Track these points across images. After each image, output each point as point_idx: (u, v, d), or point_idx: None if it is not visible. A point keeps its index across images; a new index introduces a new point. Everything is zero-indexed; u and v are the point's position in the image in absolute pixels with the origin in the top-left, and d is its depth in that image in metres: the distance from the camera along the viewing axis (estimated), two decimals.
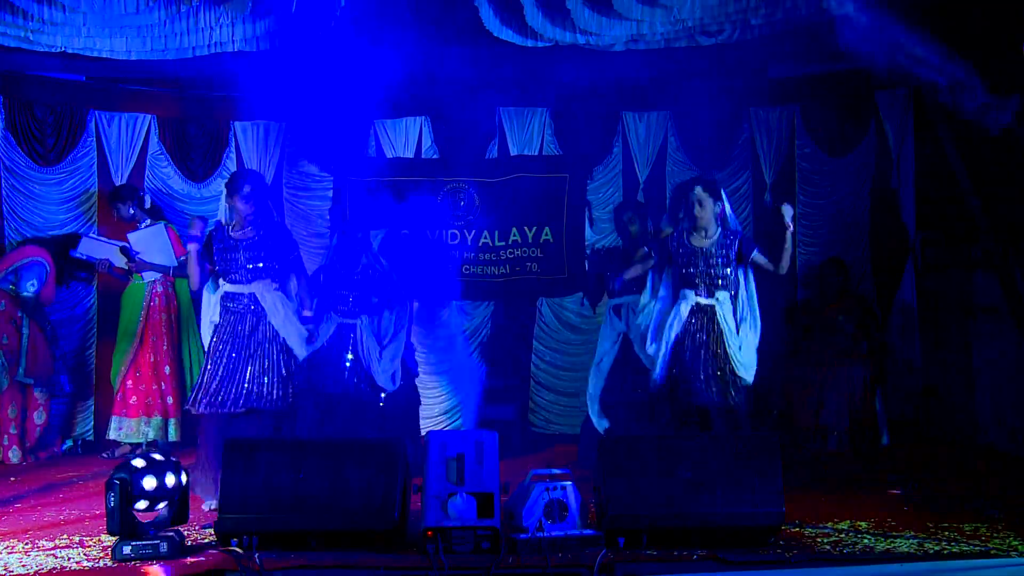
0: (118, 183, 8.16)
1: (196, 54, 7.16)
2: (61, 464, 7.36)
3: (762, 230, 8.64)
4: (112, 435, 7.55)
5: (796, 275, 8.53)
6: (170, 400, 7.63)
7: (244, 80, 7.77)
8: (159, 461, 4.45)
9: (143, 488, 4.32)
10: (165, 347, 7.68)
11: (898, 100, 8.22)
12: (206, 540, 4.65)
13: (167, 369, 7.66)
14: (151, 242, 7.66)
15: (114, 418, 7.56)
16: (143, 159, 8.46)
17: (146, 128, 8.46)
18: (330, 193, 8.61)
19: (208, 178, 8.60)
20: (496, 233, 8.56)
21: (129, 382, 7.56)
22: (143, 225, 7.74)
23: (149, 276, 7.69)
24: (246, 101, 8.36)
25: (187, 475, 4.55)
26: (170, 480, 4.41)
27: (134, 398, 7.56)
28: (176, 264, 7.68)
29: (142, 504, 4.35)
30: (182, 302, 7.84)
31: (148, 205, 7.86)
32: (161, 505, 4.43)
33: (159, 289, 7.70)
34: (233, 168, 8.58)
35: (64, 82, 8.19)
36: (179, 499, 4.50)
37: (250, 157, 8.64)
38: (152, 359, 7.61)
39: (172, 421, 7.63)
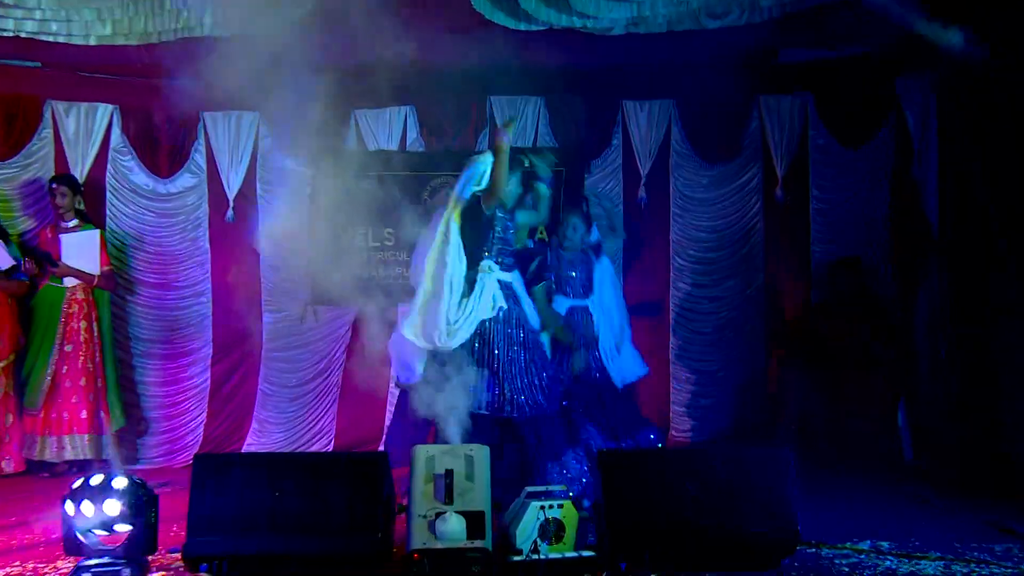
0: (80, 178, 8.12)
1: (162, 39, 7.13)
2: (12, 483, 7.30)
3: (773, 227, 8.64)
4: (38, 456, 7.49)
5: (810, 276, 8.52)
6: (84, 415, 7.56)
7: (214, 68, 7.70)
8: (119, 481, 4.40)
9: (104, 510, 4.27)
10: (84, 359, 7.61)
11: (920, 86, 8.19)
12: (173, 565, 4.60)
13: (82, 381, 7.59)
14: (81, 247, 7.61)
15: (38, 438, 7.49)
16: (104, 152, 8.43)
17: (108, 119, 8.45)
18: (308, 190, 8.56)
19: (175, 174, 8.58)
20: None
21: (49, 398, 7.50)
22: (69, 224, 7.70)
23: (68, 282, 7.64)
24: (216, 90, 8.30)
25: (154, 497, 4.48)
26: (131, 503, 4.35)
27: (55, 414, 7.51)
28: (99, 274, 7.63)
29: (102, 527, 4.29)
30: (102, 315, 7.80)
31: (81, 206, 7.82)
32: (125, 528, 4.37)
33: (79, 296, 7.64)
34: (202, 161, 8.55)
35: (17, 69, 8.15)
36: (144, 523, 4.43)
37: (221, 150, 8.60)
38: (71, 371, 7.55)
39: (90, 437, 7.55)
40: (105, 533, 4.31)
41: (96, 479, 4.34)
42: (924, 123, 8.16)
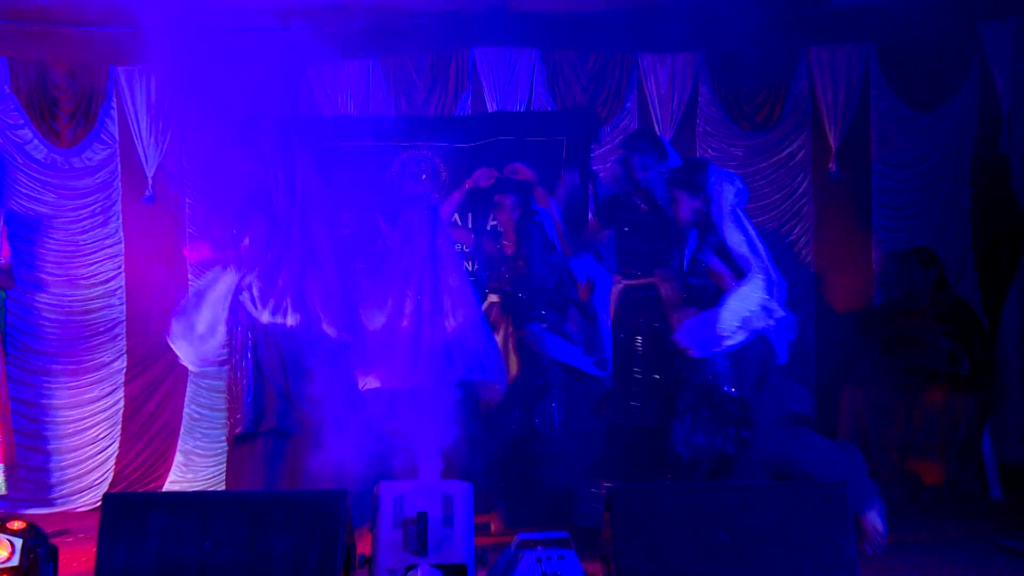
0: None
1: None
2: None
3: (825, 210, 8.64)
4: None
5: (872, 270, 8.52)
6: None
7: (131, 10, 7.69)
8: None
9: None
10: None
11: (1010, 34, 8.20)
12: None
13: None
14: None
15: None
16: None
17: None
18: (247, 165, 8.54)
19: (80, 142, 8.55)
20: (469, 215, 8.51)
21: None
22: None
23: None
24: (133, 39, 8.29)
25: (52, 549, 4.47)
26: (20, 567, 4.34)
27: None
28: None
29: None
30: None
31: None
32: None
33: None
34: (114, 129, 8.52)
35: None
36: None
37: (138, 114, 8.59)
38: None
39: (5, 468, 7.47)
40: None
41: None
42: (1015, 81, 8.17)
